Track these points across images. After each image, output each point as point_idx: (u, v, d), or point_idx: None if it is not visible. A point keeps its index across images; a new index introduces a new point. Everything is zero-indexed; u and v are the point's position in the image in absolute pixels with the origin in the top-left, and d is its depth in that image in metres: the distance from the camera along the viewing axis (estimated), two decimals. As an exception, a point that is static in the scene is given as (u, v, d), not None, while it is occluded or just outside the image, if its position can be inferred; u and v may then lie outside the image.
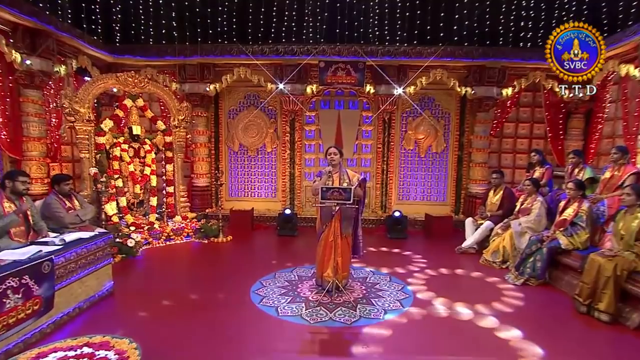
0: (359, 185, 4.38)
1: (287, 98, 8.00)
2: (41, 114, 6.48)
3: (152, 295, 4.38)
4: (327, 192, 4.08)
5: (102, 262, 4.25)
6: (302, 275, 5.13)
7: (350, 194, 4.01)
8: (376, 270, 5.38)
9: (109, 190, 6.40)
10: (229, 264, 5.65)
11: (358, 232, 4.60)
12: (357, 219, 4.54)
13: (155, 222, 6.93)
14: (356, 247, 4.60)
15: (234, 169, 8.77)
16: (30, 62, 6.05)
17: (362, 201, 4.52)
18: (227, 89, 8.40)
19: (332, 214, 4.36)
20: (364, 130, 8.48)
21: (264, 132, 8.55)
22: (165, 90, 7.37)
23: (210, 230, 6.89)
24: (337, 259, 4.43)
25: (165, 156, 7.44)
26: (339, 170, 4.43)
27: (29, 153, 6.38)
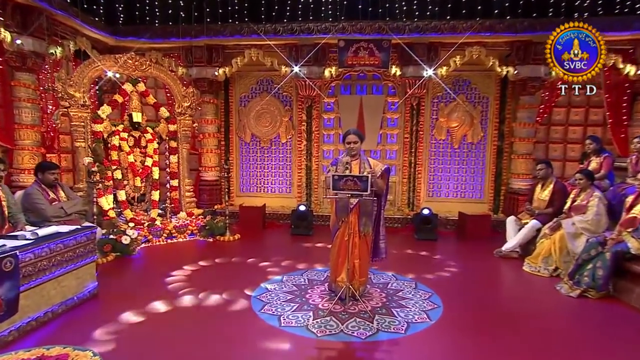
0: (381, 176, 3.97)
1: (303, 83, 7.60)
2: (34, 99, 6.30)
3: (141, 299, 4.06)
4: (339, 180, 3.64)
5: (83, 259, 3.93)
6: (314, 279, 4.71)
7: (367, 184, 3.55)
8: (400, 276, 4.90)
9: (104, 182, 6.15)
10: (233, 265, 5.32)
11: (380, 231, 4.17)
12: (378, 215, 4.13)
13: (157, 218, 6.66)
14: (377, 249, 4.19)
15: (246, 161, 8.47)
16: (20, 41, 5.86)
17: (385, 195, 4.12)
18: (238, 73, 8.10)
19: (349, 209, 3.93)
20: (389, 118, 8.02)
21: (278, 121, 8.21)
22: (169, 74, 7.10)
23: (216, 228, 6.57)
24: (354, 261, 4.02)
25: (169, 146, 7.15)
26: (359, 158, 4.01)
27: (21, 142, 6.21)
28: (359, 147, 4.04)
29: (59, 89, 5.99)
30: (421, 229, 6.92)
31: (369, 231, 4.05)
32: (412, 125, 7.86)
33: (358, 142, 4.03)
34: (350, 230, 3.94)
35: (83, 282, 3.94)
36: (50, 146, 6.90)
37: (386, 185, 4.11)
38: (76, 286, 3.84)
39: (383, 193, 4.08)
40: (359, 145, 4.03)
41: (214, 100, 8.13)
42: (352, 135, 4.05)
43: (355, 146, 4.02)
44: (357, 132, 4.12)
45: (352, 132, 4.07)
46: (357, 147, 4.03)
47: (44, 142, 6.75)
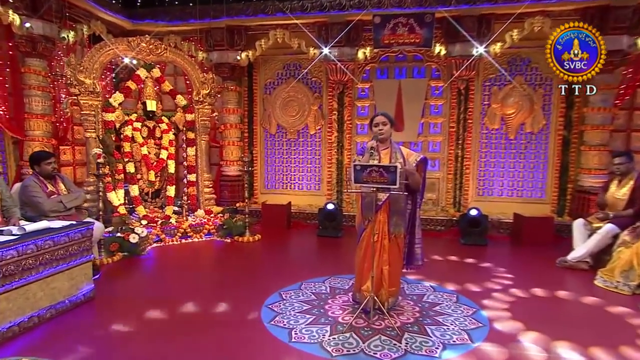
0: (417, 168, 3.67)
1: (333, 66, 7.31)
2: (45, 87, 6.36)
3: (142, 304, 3.93)
4: (362, 171, 3.33)
5: (77, 258, 3.82)
6: (336, 287, 4.42)
7: (396, 175, 3.21)
8: (439, 286, 4.50)
9: (114, 175, 6.12)
10: (248, 268, 5.13)
11: (415, 232, 3.84)
12: (413, 214, 3.80)
13: (172, 216, 6.59)
14: (412, 254, 3.86)
15: (271, 155, 8.30)
16: (29, 24, 5.91)
17: (421, 191, 3.79)
18: (263, 57, 7.93)
19: (377, 205, 3.63)
20: (433, 105, 7.58)
21: (306, 110, 7.96)
22: (186, 59, 7.01)
23: (235, 228, 6.41)
24: (382, 267, 3.71)
25: (187, 138, 7.09)
26: (389, 146, 3.72)
27: (32, 132, 6.28)
28: (388, 131, 3.72)
29: (68, 75, 6.02)
30: (468, 233, 6.45)
31: (401, 233, 3.74)
32: (460, 113, 7.35)
33: (387, 125, 3.72)
34: (378, 231, 3.66)
35: (77, 284, 3.82)
36: (63, 137, 6.98)
37: (423, 179, 3.78)
38: (68, 288, 3.72)
39: (419, 188, 3.75)
40: (388, 128, 3.72)
41: (237, 88, 7.99)
42: (381, 116, 3.75)
43: (384, 129, 3.71)
44: (387, 114, 3.81)
45: (380, 114, 3.76)
46: (387, 131, 3.72)
47: (56, 133, 6.84)
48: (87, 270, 3.94)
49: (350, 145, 7.81)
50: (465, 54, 6.81)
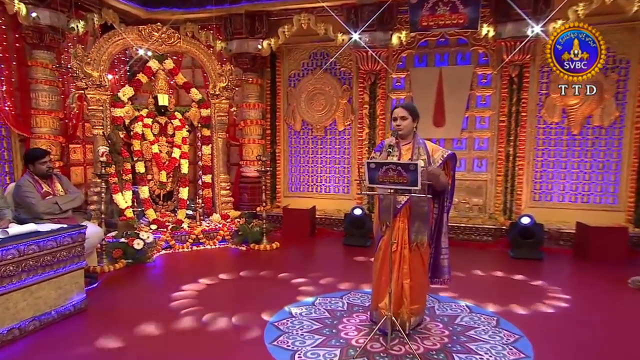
0: (444, 166, 3.50)
1: (364, 54, 7.16)
2: (52, 80, 6.55)
3: (138, 317, 3.91)
4: (377, 169, 3.20)
5: (66, 265, 3.85)
6: (355, 305, 4.26)
7: (416, 175, 3.06)
8: (477, 307, 4.24)
9: (122, 175, 6.22)
10: (259, 280, 5.07)
11: (441, 241, 3.68)
12: (439, 220, 3.64)
13: (185, 220, 6.63)
14: (437, 266, 3.70)
15: (295, 154, 8.25)
16: (36, 14, 6.11)
17: (450, 193, 3.62)
18: (286, 46, 7.91)
19: (395, 209, 3.48)
20: (479, 95, 7.27)
21: (334, 104, 7.86)
22: (202, 48, 7.07)
23: (251, 234, 6.38)
24: (403, 281, 3.56)
25: (202, 135, 7.14)
26: (411, 141, 3.57)
27: (38, 129, 6.47)
28: (409, 125, 3.59)
29: (75, 67, 6.17)
30: (519, 244, 6.11)
31: (424, 241, 3.58)
32: (511, 105, 6.99)
33: (408, 119, 3.59)
34: (397, 238, 3.51)
35: (66, 294, 3.85)
36: (72, 135, 7.19)
37: (451, 179, 3.58)
38: (55, 298, 3.76)
39: (446, 190, 3.57)
40: (409, 122, 3.58)
41: (258, 80, 7.99)
42: (400, 109, 3.62)
43: (403, 124, 3.58)
44: (409, 105, 3.69)
45: (400, 106, 3.62)
46: (407, 126, 3.58)
47: (65, 130, 7.05)
48: (78, 279, 3.97)
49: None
50: (518, 35, 6.44)
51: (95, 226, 4.88)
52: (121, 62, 8.15)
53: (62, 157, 6.81)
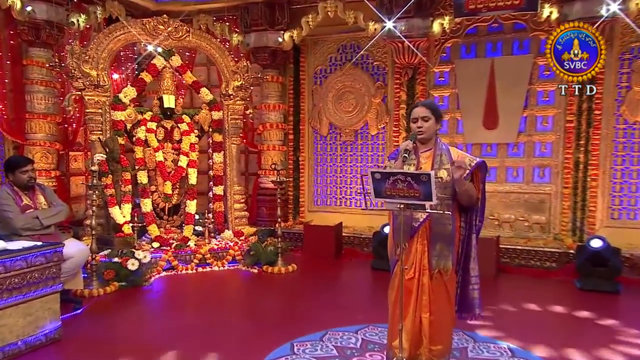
0: (472, 176, 3.29)
1: (400, 45, 7.00)
2: (49, 81, 6.72)
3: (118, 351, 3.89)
4: (383, 181, 3.01)
5: (38, 289, 3.83)
6: (370, 341, 4.11)
7: (430, 187, 2.85)
8: (522, 350, 3.99)
9: (120, 186, 6.28)
10: (264, 309, 5.01)
11: (469, 268, 3.46)
12: (466, 242, 3.43)
13: (192, 238, 6.62)
14: (466, 298, 3.47)
15: (321, 162, 8.23)
16: (32, 8, 6.27)
17: (480, 209, 3.40)
18: (311, 38, 7.91)
19: (412, 228, 3.28)
20: (541, 91, 6.99)
21: (365, 104, 7.80)
22: (213, 43, 7.11)
23: (264, 254, 6.32)
24: (422, 315, 3.30)
25: (213, 141, 7.16)
26: (432, 148, 3.37)
27: (32, 135, 6.64)
28: (432, 127, 3.34)
29: (72, 65, 6.29)
30: (588, 273, 5.75)
31: (448, 267, 3.31)
32: (581, 101, 6.66)
33: (430, 119, 3.35)
34: (414, 263, 3.29)
35: (37, 322, 3.83)
36: (71, 141, 7.36)
37: (481, 192, 3.36)
38: (24, 326, 3.74)
39: (476, 206, 3.35)
40: (432, 124, 3.34)
41: (279, 78, 8.00)
42: (420, 108, 3.39)
43: (425, 125, 3.34)
44: (431, 103, 3.51)
45: (420, 104, 3.43)
46: (430, 128, 3.34)
47: (64, 136, 7.23)
48: (52, 304, 3.96)
49: None
50: (589, 16, 6.06)
51: (80, 244, 4.90)
52: (129, 59, 8.32)
53: (59, 166, 6.94)
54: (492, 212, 7.13)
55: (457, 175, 3.08)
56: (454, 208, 3.20)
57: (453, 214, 3.23)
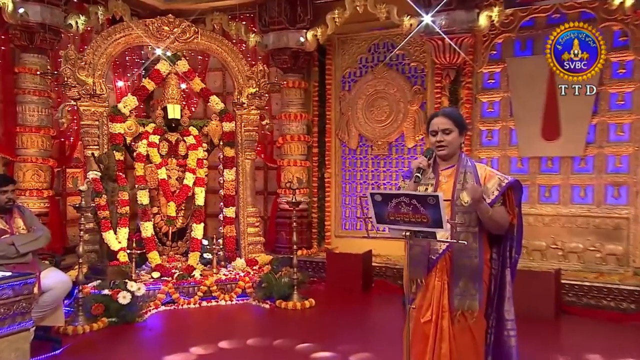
0: (505, 198, 3.14)
1: (440, 43, 6.91)
2: (43, 90, 6.85)
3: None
4: (385, 203, 2.88)
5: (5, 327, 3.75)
6: None
7: (439, 211, 2.70)
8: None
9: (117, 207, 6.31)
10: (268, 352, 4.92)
11: (504, 311, 3.30)
12: (499, 277, 3.29)
13: (197, 267, 6.60)
14: (500, 347, 3.30)
15: (350, 180, 8.22)
16: (24, 10, 6.41)
17: (517, 238, 3.26)
18: (339, 37, 7.99)
19: (430, 260, 3.17)
20: (614, 93, 6.80)
21: (401, 112, 7.79)
22: (225, 44, 7.17)
23: (277, 287, 6.25)
24: None
25: (224, 156, 7.18)
26: (455, 165, 3.25)
27: (24, 150, 6.76)
28: (454, 141, 3.18)
29: (66, 73, 6.39)
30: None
31: (474, 309, 3.13)
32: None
33: (453, 132, 3.19)
34: (432, 303, 3.15)
35: (1, 364, 3.82)
36: (68, 157, 7.47)
37: (517, 217, 3.19)
38: (-15, 370, 3.74)
39: (511, 234, 3.21)
40: (454, 137, 3.18)
41: (301, 84, 8.04)
42: (440, 119, 3.25)
43: (447, 139, 3.19)
44: (452, 112, 3.36)
45: (440, 114, 3.29)
46: (452, 142, 3.18)
47: (61, 151, 7.35)
48: (21, 344, 3.89)
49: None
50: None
51: (61, 274, 4.87)
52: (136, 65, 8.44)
53: (53, 185, 7.04)
54: (554, 240, 6.95)
55: (473, 199, 2.93)
56: (481, 237, 3.07)
57: (481, 244, 3.10)
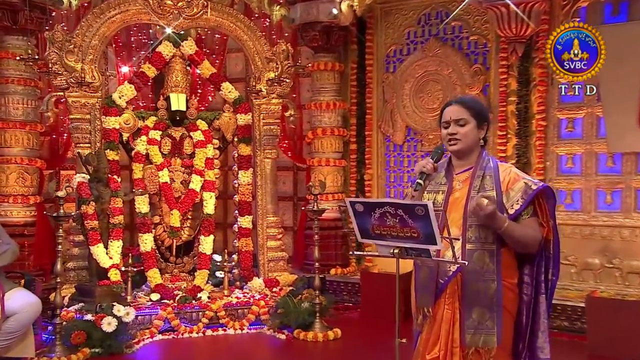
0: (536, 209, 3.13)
1: (504, 11, 6.83)
2: (29, 79, 7.08)
3: None
4: (367, 214, 2.91)
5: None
6: None
7: (430, 224, 2.69)
8: None
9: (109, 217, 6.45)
10: None
11: (536, 346, 3.25)
12: (533, 305, 3.24)
13: (205, 288, 6.67)
14: None
15: (396, 183, 8.20)
16: (5, -17, 6.66)
17: (554, 257, 3.25)
18: (382, 7, 8.01)
19: (438, 284, 3.20)
20: None
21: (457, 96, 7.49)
22: (239, 20, 7.20)
23: (295, 313, 6.21)
24: None
25: (238, 154, 7.23)
26: (473, 167, 3.24)
27: (7, 150, 7.00)
28: (471, 134, 3.16)
29: (53, 57, 6.58)
30: None
31: (491, 345, 3.10)
32: None
33: (469, 124, 3.15)
34: (439, 336, 3.16)
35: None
36: (61, 156, 7.70)
37: (552, 231, 3.13)
38: None
39: (548, 252, 3.20)
40: (471, 130, 3.15)
41: (335, 65, 8.05)
42: (454, 107, 3.23)
43: (461, 132, 3.16)
44: (470, 101, 3.32)
45: (454, 102, 3.28)
46: (468, 136, 3.15)
47: (53, 150, 7.58)
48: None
49: (544, 162, 7.28)
50: None
51: (29, 295, 5.01)
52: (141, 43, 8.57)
53: (41, 190, 7.27)
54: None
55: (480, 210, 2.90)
56: (501, 255, 3.05)
57: (499, 264, 3.06)
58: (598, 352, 5.65)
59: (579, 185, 7.19)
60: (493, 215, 2.88)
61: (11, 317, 4.63)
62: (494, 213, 2.88)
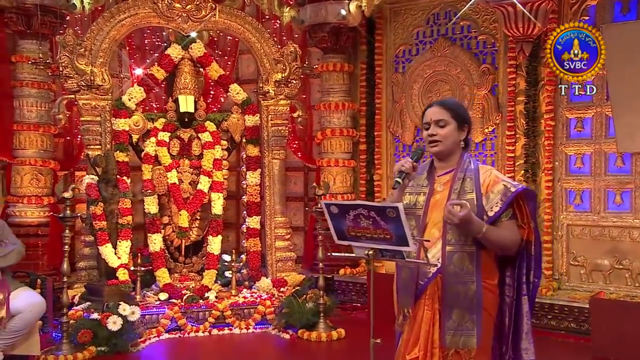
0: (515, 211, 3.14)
1: (511, 10, 6.78)
2: (43, 82, 7.17)
3: None
4: (342, 216, 2.93)
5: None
6: None
7: (402, 226, 2.70)
8: None
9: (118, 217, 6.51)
10: None
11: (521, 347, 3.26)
12: (515, 308, 3.26)
13: (213, 287, 6.71)
14: None
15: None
16: (19, -12, 6.76)
17: (535, 258, 3.24)
18: (391, 7, 8.01)
19: (418, 285, 3.24)
20: None
21: (465, 98, 7.63)
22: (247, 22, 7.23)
23: (299, 313, 6.23)
24: None
25: (247, 155, 7.26)
26: (454, 168, 3.25)
27: (22, 152, 7.10)
28: (451, 136, 3.17)
29: (64, 61, 6.67)
30: None
31: (470, 346, 3.11)
32: None
33: (449, 125, 3.16)
34: (419, 338, 3.20)
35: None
36: (75, 157, 7.78)
37: (533, 232, 3.13)
38: None
39: (529, 253, 3.19)
40: (451, 131, 3.16)
41: (344, 66, 8.05)
42: (434, 109, 3.23)
43: (441, 133, 3.16)
44: (450, 103, 3.35)
45: (435, 104, 3.29)
46: (448, 137, 3.16)
47: (67, 152, 7.68)
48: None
49: (553, 162, 7.21)
50: None
51: (34, 295, 5.07)
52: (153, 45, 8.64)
53: (54, 191, 7.37)
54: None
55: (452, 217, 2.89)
56: (480, 257, 3.05)
57: (478, 266, 3.06)
58: (602, 354, 5.56)
59: (588, 186, 7.10)
60: (467, 220, 2.86)
61: (16, 316, 4.66)
62: (468, 218, 2.86)
